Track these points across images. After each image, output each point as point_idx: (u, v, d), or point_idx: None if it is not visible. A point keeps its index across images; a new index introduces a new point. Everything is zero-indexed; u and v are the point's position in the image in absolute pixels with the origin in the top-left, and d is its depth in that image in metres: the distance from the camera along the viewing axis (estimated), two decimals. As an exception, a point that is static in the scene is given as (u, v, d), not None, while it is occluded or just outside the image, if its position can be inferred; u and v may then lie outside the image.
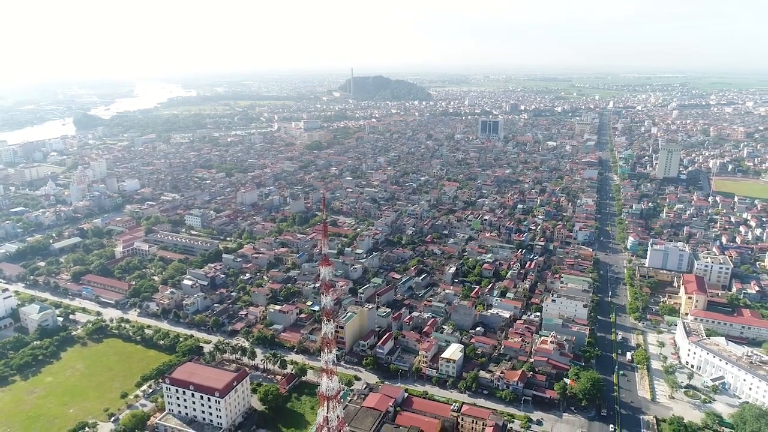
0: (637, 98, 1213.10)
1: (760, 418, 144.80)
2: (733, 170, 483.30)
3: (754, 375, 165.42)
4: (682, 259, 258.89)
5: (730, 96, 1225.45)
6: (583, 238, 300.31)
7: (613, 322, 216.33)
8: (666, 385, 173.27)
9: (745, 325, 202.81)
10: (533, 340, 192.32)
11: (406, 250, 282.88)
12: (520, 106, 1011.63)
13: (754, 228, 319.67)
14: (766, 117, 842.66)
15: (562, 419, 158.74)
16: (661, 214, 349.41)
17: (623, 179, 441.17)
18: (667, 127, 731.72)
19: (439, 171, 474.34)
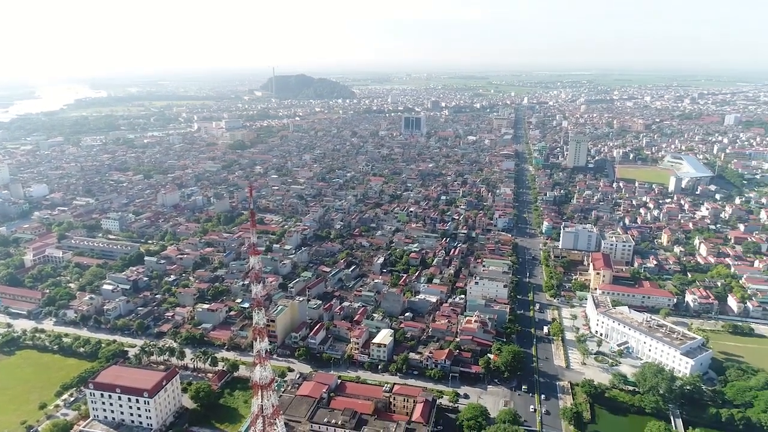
0: (549, 94, 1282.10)
1: (658, 374, 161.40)
2: (634, 158, 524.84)
3: (653, 338, 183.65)
4: (590, 239, 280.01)
5: (631, 91, 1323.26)
6: (503, 225, 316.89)
7: (531, 300, 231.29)
8: (578, 353, 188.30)
9: (646, 295, 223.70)
10: (459, 320, 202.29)
11: (335, 244, 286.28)
12: (441, 103, 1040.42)
13: (652, 209, 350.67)
14: (661, 110, 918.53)
15: (487, 391, 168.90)
16: (572, 200, 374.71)
17: (538, 169, 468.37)
18: (576, 121, 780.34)
19: (364, 167, 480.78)
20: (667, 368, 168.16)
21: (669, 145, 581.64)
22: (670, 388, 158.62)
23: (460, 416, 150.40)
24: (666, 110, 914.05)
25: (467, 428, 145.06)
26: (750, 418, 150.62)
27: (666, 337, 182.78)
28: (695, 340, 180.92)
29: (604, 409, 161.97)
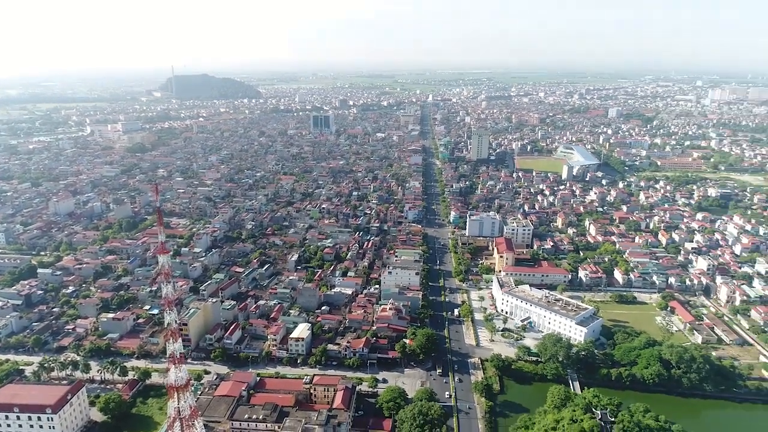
0: (452, 92, 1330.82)
1: (556, 343, 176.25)
2: (531, 150, 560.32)
3: (551, 311, 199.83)
4: (494, 226, 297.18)
5: (527, 88, 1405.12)
6: (413, 217, 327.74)
7: (442, 285, 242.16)
8: (487, 331, 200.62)
9: (544, 274, 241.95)
10: (374, 309, 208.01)
11: (247, 244, 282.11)
12: (349, 102, 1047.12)
13: (548, 196, 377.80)
14: (554, 105, 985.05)
15: (404, 374, 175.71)
16: (476, 190, 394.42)
17: (444, 163, 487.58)
18: (478, 116, 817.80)
19: (274, 166, 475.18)
20: (565, 337, 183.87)
21: (561, 137, 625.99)
22: (567, 355, 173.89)
23: (380, 399, 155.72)
24: (558, 105, 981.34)
25: (386, 410, 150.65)
26: (635, 374, 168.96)
27: (563, 310, 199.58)
28: (587, 311, 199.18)
29: (511, 380, 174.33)
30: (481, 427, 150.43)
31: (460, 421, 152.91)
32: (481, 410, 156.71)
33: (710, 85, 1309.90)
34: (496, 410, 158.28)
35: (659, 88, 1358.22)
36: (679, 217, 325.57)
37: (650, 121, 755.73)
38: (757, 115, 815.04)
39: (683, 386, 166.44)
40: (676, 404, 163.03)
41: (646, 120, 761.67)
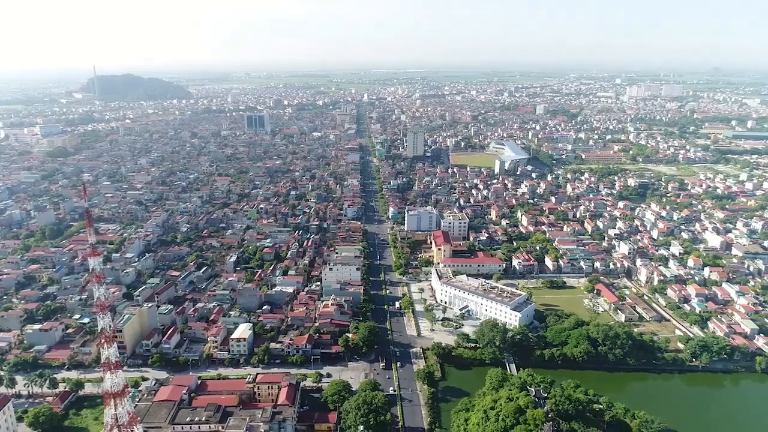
0: (387, 90, 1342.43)
1: (493, 328, 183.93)
2: (465, 146, 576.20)
3: (488, 299, 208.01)
4: (432, 220, 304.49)
5: (459, 87, 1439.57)
6: (352, 214, 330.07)
7: (382, 279, 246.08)
8: (427, 321, 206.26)
9: (481, 264, 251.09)
10: (316, 306, 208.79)
11: (183, 248, 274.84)
12: (283, 101, 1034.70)
13: (482, 190, 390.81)
14: (486, 103, 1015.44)
15: (348, 368, 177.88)
16: (413, 186, 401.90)
17: (381, 160, 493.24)
18: (413, 114, 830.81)
19: (208, 167, 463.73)
20: (501, 323, 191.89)
21: (493, 133, 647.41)
22: (504, 339, 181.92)
23: (324, 393, 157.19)
24: (489, 103, 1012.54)
25: (331, 403, 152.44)
26: (566, 353, 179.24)
27: (498, 297, 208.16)
28: (521, 297, 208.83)
29: (452, 366, 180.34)
30: (424, 413, 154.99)
31: (404, 408, 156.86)
32: (423, 397, 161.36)
33: (628, 83, 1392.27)
34: (438, 396, 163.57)
35: (582, 85, 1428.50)
36: (603, 206, 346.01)
37: (575, 116, 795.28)
38: (669, 110, 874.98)
39: (609, 362, 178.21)
40: (604, 379, 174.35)
41: (571, 116, 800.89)
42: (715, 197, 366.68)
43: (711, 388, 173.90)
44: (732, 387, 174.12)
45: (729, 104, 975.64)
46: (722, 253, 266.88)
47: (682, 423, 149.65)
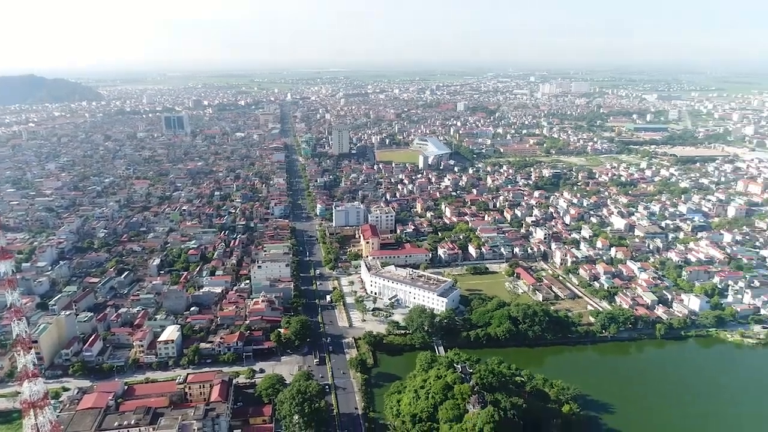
0: (311, 90, 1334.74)
1: (421, 314, 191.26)
2: (389, 143, 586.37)
3: (415, 287, 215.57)
4: (359, 215, 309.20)
5: (383, 85, 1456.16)
6: (280, 213, 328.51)
7: (313, 275, 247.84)
8: (358, 312, 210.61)
9: (408, 255, 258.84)
10: (246, 304, 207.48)
11: (101, 253, 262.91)
12: (203, 102, 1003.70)
13: (407, 185, 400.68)
14: (408, 101, 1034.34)
15: (281, 362, 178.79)
16: (340, 183, 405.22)
17: (307, 159, 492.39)
18: (337, 113, 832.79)
19: (125, 171, 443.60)
20: (429, 309, 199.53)
21: (416, 130, 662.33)
22: (432, 324, 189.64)
23: (258, 388, 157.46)
24: (412, 101, 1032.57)
25: (266, 396, 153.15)
26: (489, 333, 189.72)
27: (425, 285, 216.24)
28: (447, 283, 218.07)
29: (384, 354, 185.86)
30: (358, 399, 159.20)
31: (339, 396, 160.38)
32: (357, 384, 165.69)
33: (541, 81, 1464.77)
34: (372, 382, 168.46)
35: (500, 83, 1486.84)
36: (520, 195, 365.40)
37: (493, 113, 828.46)
38: (578, 106, 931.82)
39: (529, 338, 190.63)
40: (525, 354, 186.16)
41: (490, 112, 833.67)
42: (619, 184, 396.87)
43: (619, 355, 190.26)
44: (637, 353, 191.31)
45: (631, 99, 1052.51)
46: (626, 234, 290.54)
47: (594, 388, 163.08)
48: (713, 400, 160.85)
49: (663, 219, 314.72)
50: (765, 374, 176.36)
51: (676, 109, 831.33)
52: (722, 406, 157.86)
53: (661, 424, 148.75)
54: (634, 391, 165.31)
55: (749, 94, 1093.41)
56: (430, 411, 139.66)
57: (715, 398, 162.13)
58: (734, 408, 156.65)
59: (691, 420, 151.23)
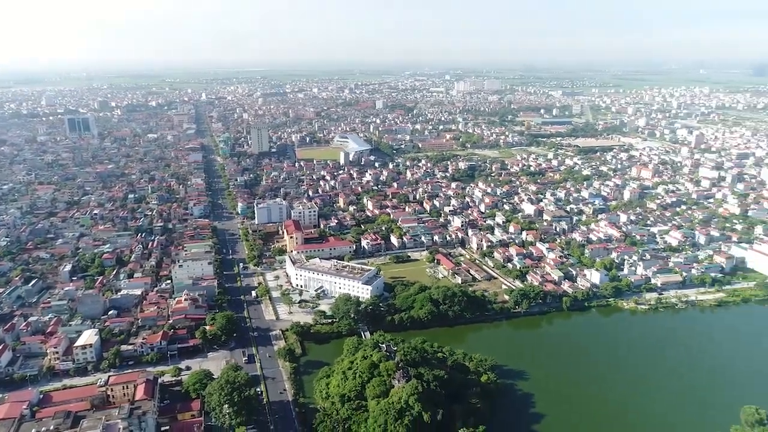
0: (226, 89, 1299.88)
1: (347, 302, 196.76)
2: (310, 141, 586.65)
3: (340, 277, 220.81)
4: (282, 211, 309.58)
5: (301, 84, 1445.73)
6: (199, 213, 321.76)
7: (237, 272, 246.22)
8: (284, 305, 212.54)
9: (332, 247, 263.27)
10: (168, 304, 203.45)
11: (4, 263, 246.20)
12: (111, 103, 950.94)
13: (329, 181, 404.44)
14: (327, 100, 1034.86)
15: (208, 358, 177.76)
16: (261, 181, 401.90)
17: (226, 158, 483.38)
18: (255, 113, 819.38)
19: (26, 176, 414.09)
20: (354, 297, 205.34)
21: (336, 128, 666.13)
22: (357, 311, 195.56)
23: (185, 384, 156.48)
24: (331, 99, 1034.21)
25: (193, 392, 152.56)
26: (413, 316, 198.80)
27: (350, 274, 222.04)
28: (371, 271, 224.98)
29: (312, 343, 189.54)
30: (288, 386, 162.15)
31: (268, 385, 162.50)
32: (286, 373, 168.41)
33: (456, 79, 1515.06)
34: (301, 370, 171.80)
35: (417, 82, 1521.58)
36: (438, 187, 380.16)
37: (411, 110, 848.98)
38: (491, 102, 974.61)
39: (450, 318, 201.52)
40: (447, 333, 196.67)
41: (408, 109, 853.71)
42: (529, 174, 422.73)
43: (531, 328, 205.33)
44: (547, 325, 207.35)
45: (538, 96, 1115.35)
46: (535, 219, 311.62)
47: (510, 359, 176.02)
48: (613, 361, 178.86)
49: (568, 204, 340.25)
50: (655, 335, 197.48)
51: (579, 104, 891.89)
52: (621, 365, 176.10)
53: (568, 385, 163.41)
54: (545, 359, 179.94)
55: (642, 89, 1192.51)
56: (358, 390, 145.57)
57: (615, 359, 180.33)
58: (630, 366, 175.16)
59: (594, 380, 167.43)
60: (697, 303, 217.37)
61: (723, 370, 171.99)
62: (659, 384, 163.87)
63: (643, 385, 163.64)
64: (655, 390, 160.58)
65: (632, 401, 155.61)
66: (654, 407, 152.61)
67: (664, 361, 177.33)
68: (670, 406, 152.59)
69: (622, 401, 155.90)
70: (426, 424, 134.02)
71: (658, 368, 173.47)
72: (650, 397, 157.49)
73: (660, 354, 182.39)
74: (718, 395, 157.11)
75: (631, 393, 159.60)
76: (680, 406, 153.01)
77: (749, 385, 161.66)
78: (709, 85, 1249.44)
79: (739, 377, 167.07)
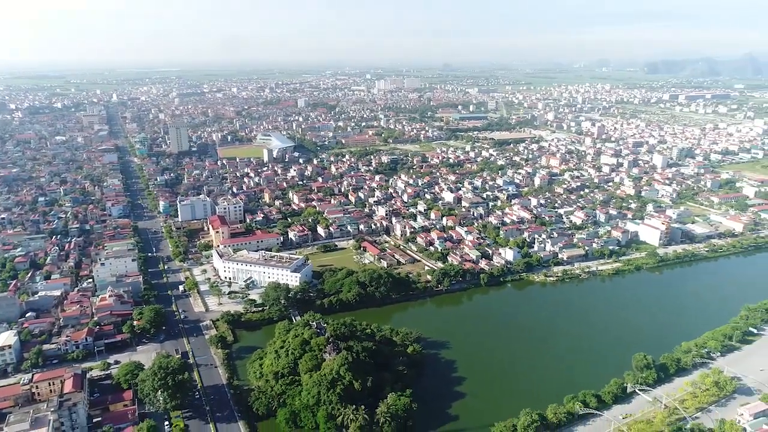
0: (139, 90, 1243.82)
1: (276, 289, 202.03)
2: (232, 140, 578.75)
3: (269, 266, 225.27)
4: (206, 208, 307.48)
5: (219, 84, 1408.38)
6: (118, 213, 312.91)
7: (162, 269, 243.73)
8: (214, 297, 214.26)
9: (259, 240, 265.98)
10: (92, 302, 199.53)
11: None
12: (10, 105, 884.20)
13: (253, 177, 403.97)
14: (248, 99, 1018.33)
15: (137, 351, 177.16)
16: (183, 180, 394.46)
17: (143, 158, 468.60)
18: (172, 113, 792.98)
19: None
20: (283, 284, 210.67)
21: (259, 127, 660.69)
22: (287, 297, 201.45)
23: (116, 375, 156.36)
24: (252, 99, 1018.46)
25: (124, 382, 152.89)
26: (341, 298, 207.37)
27: (278, 263, 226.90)
28: (299, 260, 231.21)
29: (243, 330, 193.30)
30: (221, 371, 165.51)
31: (201, 372, 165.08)
32: (219, 359, 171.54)
33: (377, 77, 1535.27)
34: (233, 356, 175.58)
35: (338, 81, 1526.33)
36: (363, 180, 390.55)
37: (333, 108, 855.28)
38: (411, 99, 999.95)
39: (377, 299, 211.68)
40: (375, 313, 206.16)
41: (330, 107, 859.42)
42: (448, 165, 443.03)
43: (453, 304, 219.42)
44: (467, 300, 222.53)
45: (456, 93, 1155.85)
46: (455, 206, 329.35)
47: (434, 332, 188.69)
48: (526, 327, 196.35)
49: (484, 191, 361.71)
50: (562, 302, 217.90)
51: (494, 101, 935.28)
52: (533, 329, 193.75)
53: (486, 351, 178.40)
54: (465, 330, 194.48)
55: (551, 87, 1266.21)
56: (291, 366, 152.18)
57: (527, 325, 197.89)
58: (540, 330, 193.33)
59: (509, 344, 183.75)
60: (598, 273, 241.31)
61: (619, 327, 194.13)
62: (564, 343, 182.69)
63: (551, 346, 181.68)
64: (561, 348, 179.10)
65: (541, 360, 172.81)
66: (559, 363, 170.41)
67: (569, 324, 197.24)
68: (574, 361, 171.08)
69: (532, 360, 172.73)
70: (357, 392, 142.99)
71: (564, 330, 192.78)
72: (557, 354, 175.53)
73: (566, 318, 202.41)
74: (615, 348, 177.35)
75: (541, 353, 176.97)
76: (582, 359, 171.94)
77: (640, 337, 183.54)
78: (610, 82, 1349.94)
79: (632, 332, 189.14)
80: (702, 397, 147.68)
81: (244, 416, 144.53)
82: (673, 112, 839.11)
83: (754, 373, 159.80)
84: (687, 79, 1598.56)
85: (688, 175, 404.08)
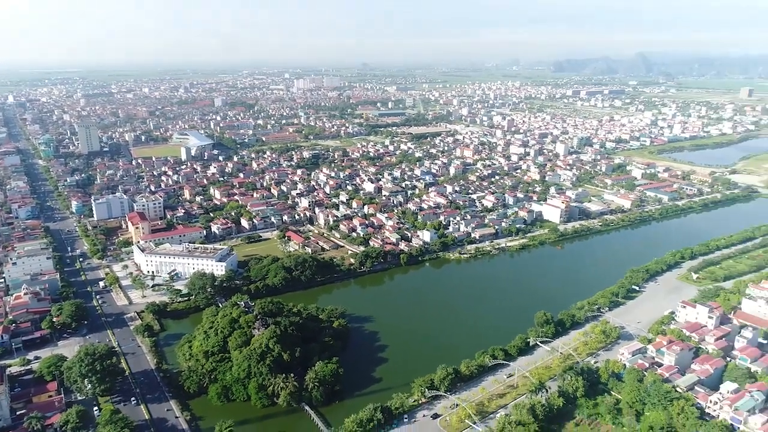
0: (39, 91, 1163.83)
1: (202, 277, 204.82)
2: (146, 140, 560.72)
3: (193, 257, 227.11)
4: (123, 205, 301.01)
5: (129, 85, 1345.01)
6: (26, 215, 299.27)
7: (80, 268, 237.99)
8: (137, 290, 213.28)
9: (182, 234, 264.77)
10: (6, 301, 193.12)
11: None
12: None
13: (172, 175, 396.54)
14: (161, 99, 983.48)
15: (59, 346, 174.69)
16: (95, 180, 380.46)
17: (49, 160, 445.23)
18: (78, 114, 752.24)
19: None
20: (209, 273, 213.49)
21: (174, 126, 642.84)
22: (213, 285, 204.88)
23: (38, 369, 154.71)
24: (165, 99, 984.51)
25: (48, 375, 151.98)
26: (268, 284, 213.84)
27: (203, 254, 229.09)
28: (223, 250, 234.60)
29: (170, 320, 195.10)
30: (150, 358, 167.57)
31: (129, 360, 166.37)
32: (146, 347, 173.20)
33: (295, 77, 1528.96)
34: (161, 343, 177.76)
35: (256, 80, 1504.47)
36: (285, 174, 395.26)
37: (252, 107, 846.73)
38: (331, 98, 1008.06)
39: (303, 282, 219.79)
40: (302, 296, 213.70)
41: (249, 106, 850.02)
42: (369, 159, 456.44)
43: (376, 283, 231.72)
44: (389, 279, 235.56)
45: (375, 91, 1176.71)
46: (376, 195, 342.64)
47: (358, 309, 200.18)
48: (441, 299, 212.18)
49: (403, 181, 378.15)
50: (474, 276, 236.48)
51: (412, 98, 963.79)
52: (448, 301, 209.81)
53: (406, 322, 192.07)
54: (388, 305, 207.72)
55: (465, 84, 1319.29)
56: (220, 344, 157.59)
57: (443, 298, 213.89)
58: (454, 301, 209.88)
59: (426, 315, 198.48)
60: (507, 248, 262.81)
61: (524, 293, 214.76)
62: (476, 310, 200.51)
63: (464, 312, 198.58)
64: (474, 314, 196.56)
65: (456, 325, 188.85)
66: (472, 326, 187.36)
67: (481, 293, 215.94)
68: (485, 324, 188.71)
69: (448, 326, 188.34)
70: (286, 362, 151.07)
71: (476, 298, 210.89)
72: (469, 320, 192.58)
73: (478, 288, 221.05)
74: (520, 310, 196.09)
75: (456, 319, 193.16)
76: (492, 322, 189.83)
77: (542, 300, 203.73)
78: (520, 80, 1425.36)
79: (535, 296, 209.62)
80: (592, 344, 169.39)
81: (175, 396, 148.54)
82: (575, 106, 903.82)
83: (635, 322, 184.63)
84: (588, 76, 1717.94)
85: (586, 161, 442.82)
